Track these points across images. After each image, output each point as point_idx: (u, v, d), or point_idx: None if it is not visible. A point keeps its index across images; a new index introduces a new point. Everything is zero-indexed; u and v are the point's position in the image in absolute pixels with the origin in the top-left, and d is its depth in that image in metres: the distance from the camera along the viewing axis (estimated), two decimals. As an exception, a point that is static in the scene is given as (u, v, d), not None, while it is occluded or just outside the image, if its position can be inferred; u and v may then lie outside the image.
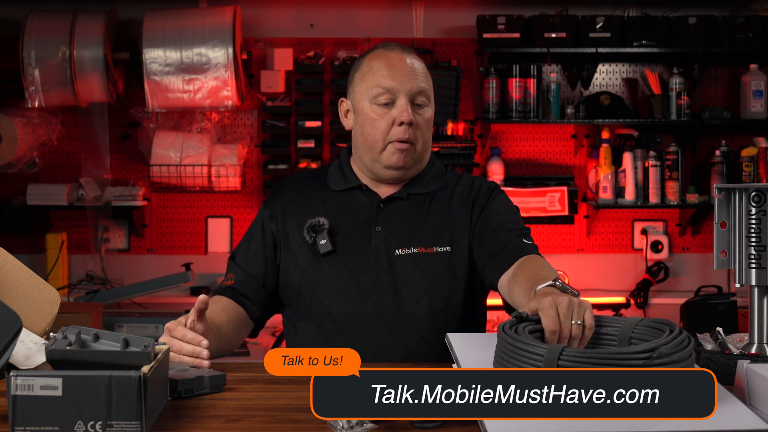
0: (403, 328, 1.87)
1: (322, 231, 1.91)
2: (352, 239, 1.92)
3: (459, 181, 2.02)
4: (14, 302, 1.52)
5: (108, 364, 1.27)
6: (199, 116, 4.05)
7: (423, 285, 1.89)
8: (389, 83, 1.89)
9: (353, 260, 1.90)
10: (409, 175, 1.97)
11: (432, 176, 2.01)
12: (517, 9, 4.05)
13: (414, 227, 1.93)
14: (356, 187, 1.98)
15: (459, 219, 1.94)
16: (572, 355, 1.25)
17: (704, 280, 4.15)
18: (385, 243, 1.91)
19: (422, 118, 1.91)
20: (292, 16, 4.20)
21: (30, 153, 3.98)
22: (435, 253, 1.91)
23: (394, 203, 1.96)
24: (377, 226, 1.92)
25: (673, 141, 4.08)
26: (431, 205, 1.96)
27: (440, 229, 1.93)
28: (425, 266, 1.90)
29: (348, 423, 1.24)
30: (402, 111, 1.88)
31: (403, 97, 1.89)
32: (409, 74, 1.90)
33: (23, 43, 3.80)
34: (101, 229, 4.14)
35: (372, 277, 1.89)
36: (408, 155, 1.91)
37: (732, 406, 1.29)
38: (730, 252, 1.57)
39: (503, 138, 4.21)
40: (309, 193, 2.00)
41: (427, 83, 1.93)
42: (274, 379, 1.61)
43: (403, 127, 1.88)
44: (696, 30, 3.93)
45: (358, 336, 1.87)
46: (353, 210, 1.95)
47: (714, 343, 1.60)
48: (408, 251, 1.90)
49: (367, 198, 1.97)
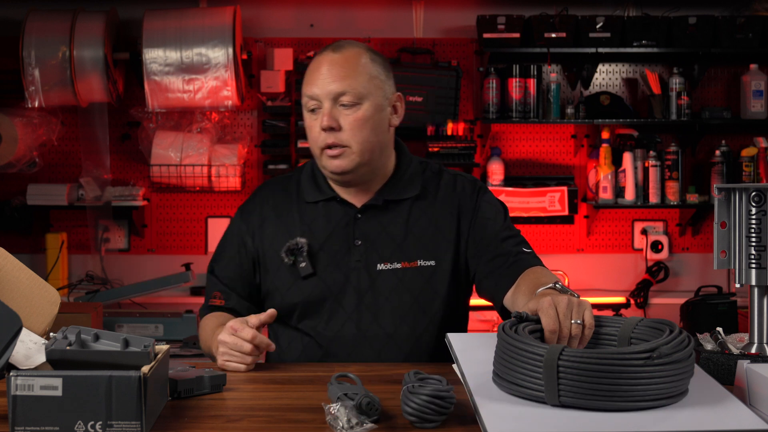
0: (387, 348, 1.84)
1: (302, 253, 1.86)
2: (331, 256, 1.87)
3: (440, 184, 1.94)
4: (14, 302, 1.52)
5: (108, 364, 1.27)
6: (199, 116, 4.05)
7: (407, 303, 1.85)
8: (311, 90, 1.83)
9: (334, 280, 1.86)
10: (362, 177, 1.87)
11: (408, 180, 1.93)
12: (517, 9, 4.05)
13: (395, 239, 1.87)
14: (331, 198, 1.91)
15: (443, 229, 1.89)
16: (572, 355, 1.25)
17: (704, 280, 4.14)
18: (366, 257, 1.86)
19: (348, 120, 1.81)
20: (292, 16, 4.20)
21: (30, 153, 3.98)
22: (419, 267, 1.86)
23: (371, 213, 1.89)
24: (356, 240, 1.87)
25: (673, 141, 4.08)
26: (411, 214, 1.90)
27: (424, 242, 1.87)
28: (409, 282, 1.85)
29: (348, 423, 1.24)
30: (322, 116, 1.82)
31: (326, 102, 1.82)
32: (329, 77, 1.82)
33: (23, 43, 3.80)
34: (101, 229, 4.14)
35: (354, 296, 1.85)
36: (344, 159, 1.83)
37: (732, 406, 1.29)
38: (730, 252, 1.57)
39: (503, 138, 4.21)
40: (284, 207, 1.93)
41: (357, 81, 1.82)
42: (274, 378, 1.61)
43: (326, 133, 1.81)
44: (696, 30, 3.93)
45: (343, 358, 1.84)
46: (330, 224, 1.89)
47: (714, 343, 1.60)
48: (390, 266, 1.86)
49: (343, 209, 1.90)
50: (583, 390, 1.24)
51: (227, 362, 1.67)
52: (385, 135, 1.89)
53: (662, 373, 1.26)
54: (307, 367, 1.71)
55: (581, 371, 1.24)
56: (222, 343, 1.67)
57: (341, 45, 1.87)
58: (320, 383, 1.54)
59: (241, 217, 1.97)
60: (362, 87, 1.82)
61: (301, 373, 1.65)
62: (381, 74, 1.87)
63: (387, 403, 1.37)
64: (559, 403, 1.26)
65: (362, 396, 1.29)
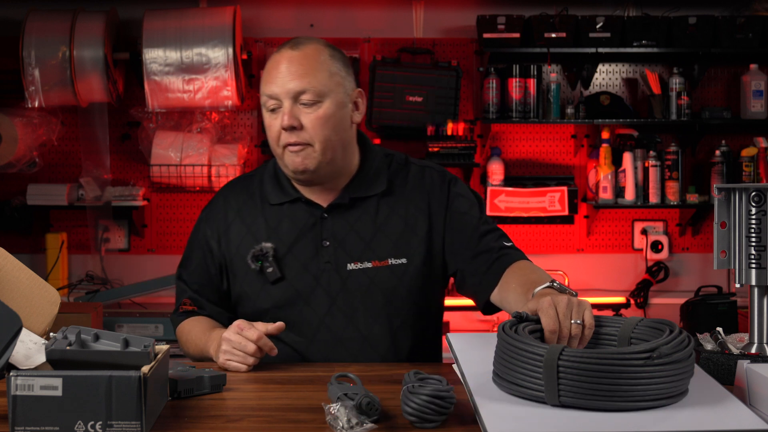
0: (363, 351, 1.82)
1: (267, 258, 1.82)
2: (299, 259, 1.83)
3: (408, 176, 1.90)
4: (14, 302, 1.52)
5: (108, 364, 1.27)
6: (199, 116, 4.05)
7: (380, 303, 1.82)
8: (270, 89, 1.79)
9: (304, 283, 1.83)
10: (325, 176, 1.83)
11: (373, 175, 1.88)
12: (517, 9, 4.05)
13: (364, 238, 1.84)
14: (296, 199, 1.87)
15: (414, 226, 1.85)
16: (572, 355, 1.25)
17: (704, 280, 4.14)
18: (335, 258, 1.83)
19: (310, 118, 1.77)
20: (292, 16, 4.20)
21: (30, 153, 3.98)
22: (390, 266, 1.83)
23: (337, 212, 1.85)
24: (324, 241, 1.83)
25: (673, 141, 4.08)
26: (380, 211, 1.86)
27: (394, 239, 1.84)
28: (381, 281, 1.82)
29: (348, 423, 1.24)
30: (283, 115, 1.77)
31: (286, 101, 1.78)
32: (288, 75, 1.78)
33: (23, 43, 3.80)
34: (101, 229, 4.14)
35: (326, 300, 1.82)
36: (307, 158, 1.79)
37: (732, 406, 1.29)
38: (730, 252, 1.57)
39: (503, 138, 4.21)
40: (248, 210, 1.89)
41: (316, 79, 1.77)
42: (274, 378, 1.61)
43: (287, 132, 1.78)
44: (696, 30, 3.93)
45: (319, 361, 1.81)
46: (296, 226, 1.85)
47: (714, 343, 1.60)
48: (361, 266, 1.82)
49: (308, 210, 1.86)
50: (583, 390, 1.24)
51: (228, 361, 1.66)
52: (347, 132, 1.85)
53: (662, 373, 1.26)
54: (307, 367, 1.71)
55: (581, 371, 1.24)
56: (226, 341, 1.66)
57: (300, 42, 1.83)
58: (320, 383, 1.54)
59: (206, 222, 1.94)
60: (322, 84, 1.78)
61: (301, 373, 1.65)
62: (341, 70, 1.83)
63: (387, 403, 1.37)
64: (559, 403, 1.26)
65: (362, 396, 1.29)
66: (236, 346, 1.65)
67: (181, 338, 1.90)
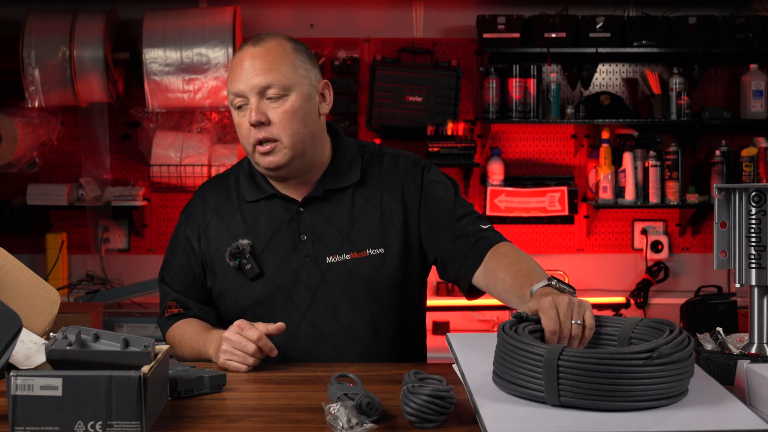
0: (345, 343, 1.82)
1: (244, 255, 1.82)
2: (278, 255, 1.83)
3: (381, 165, 1.89)
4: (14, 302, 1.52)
5: (108, 364, 1.27)
6: (199, 116, 4.05)
7: (361, 294, 1.82)
8: (236, 86, 1.79)
9: (283, 278, 1.82)
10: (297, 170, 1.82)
11: (346, 166, 1.88)
12: (517, 9, 4.05)
13: (341, 230, 1.83)
14: (271, 195, 1.86)
15: (390, 215, 1.84)
16: (572, 355, 1.25)
17: (704, 280, 4.14)
18: (314, 252, 1.82)
19: (277, 113, 1.77)
20: (292, 16, 4.20)
21: (30, 153, 3.98)
22: (368, 256, 1.83)
23: (313, 205, 1.85)
24: (302, 235, 1.83)
25: (673, 141, 4.08)
26: (355, 202, 1.85)
27: (370, 230, 1.83)
28: (360, 272, 1.82)
29: (348, 423, 1.24)
30: (250, 111, 1.77)
31: (252, 97, 1.77)
32: (252, 71, 1.77)
33: (23, 43, 3.80)
34: (101, 229, 4.14)
35: (306, 294, 1.82)
36: (277, 154, 1.78)
37: (732, 406, 1.29)
38: (730, 252, 1.57)
39: (503, 138, 4.21)
40: (225, 208, 1.89)
41: (280, 73, 1.77)
42: (274, 378, 1.61)
43: (256, 129, 1.77)
44: (696, 30, 3.93)
45: (302, 358, 1.81)
46: (273, 222, 1.85)
47: (714, 343, 1.60)
48: (340, 258, 1.82)
49: (284, 205, 1.85)
50: (583, 390, 1.24)
51: (228, 361, 1.66)
52: (316, 124, 1.84)
53: (662, 373, 1.26)
54: (307, 367, 1.71)
55: (581, 371, 1.24)
56: (226, 341, 1.66)
57: (261, 37, 1.83)
58: (320, 383, 1.54)
59: (186, 222, 1.94)
60: (287, 78, 1.78)
61: (301, 373, 1.65)
62: (305, 63, 1.83)
63: (387, 403, 1.37)
64: (559, 403, 1.26)
65: (362, 396, 1.29)
66: (236, 346, 1.65)
67: (173, 341, 1.88)
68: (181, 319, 1.90)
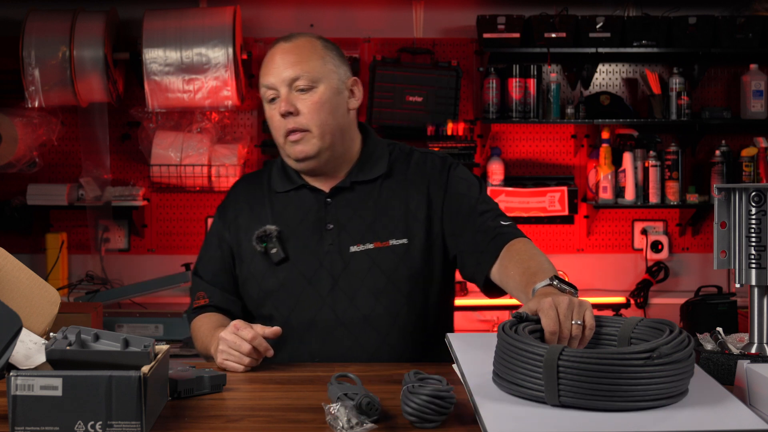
0: (364, 331, 1.84)
1: (272, 239, 1.87)
2: (304, 242, 1.88)
3: (410, 162, 1.94)
4: (14, 302, 1.52)
5: (108, 364, 1.27)
6: (199, 116, 4.05)
7: (381, 283, 1.84)
8: (267, 79, 1.87)
9: (307, 265, 1.86)
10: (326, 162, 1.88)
11: (376, 159, 1.93)
12: (517, 9, 4.05)
13: (366, 220, 1.87)
14: (300, 186, 1.93)
15: (414, 208, 1.88)
16: (572, 355, 1.25)
17: (704, 280, 4.14)
18: (338, 240, 1.86)
19: (306, 104, 1.84)
20: (292, 16, 4.20)
21: (30, 153, 3.98)
22: (391, 246, 1.86)
23: (340, 196, 1.90)
24: (328, 224, 1.88)
25: (673, 141, 4.08)
26: (381, 194, 1.90)
27: (395, 221, 1.87)
28: (382, 262, 1.85)
29: (348, 423, 1.24)
30: (280, 102, 1.85)
31: (282, 88, 1.85)
32: (282, 64, 1.85)
33: (23, 43, 3.80)
34: (101, 229, 4.14)
35: (328, 280, 1.85)
36: (306, 144, 1.85)
37: (732, 406, 1.29)
38: (730, 252, 1.57)
39: (503, 138, 4.21)
40: (256, 198, 1.96)
41: (309, 65, 1.84)
42: (274, 378, 1.61)
43: (286, 119, 1.84)
44: (696, 30, 3.93)
45: (320, 344, 1.84)
46: (301, 211, 1.91)
47: (714, 343, 1.60)
48: (363, 247, 1.86)
49: (313, 195, 1.91)
50: (583, 390, 1.24)
51: (225, 361, 1.67)
52: (344, 118, 1.90)
53: (662, 373, 1.26)
54: (307, 367, 1.71)
55: (581, 371, 1.24)
56: (222, 340, 1.68)
57: (293, 35, 1.91)
58: (320, 383, 1.54)
59: (218, 216, 2.01)
60: (316, 71, 1.85)
61: (301, 373, 1.65)
62: (334, 59, 1.89)
63: (387, 403, 1.37)
64: (559, 403, 1.26)
65: (362, 396, 1.29)
66: (232, 345, 1.66)
67: (193, 335, 1.94)
68: (205, 312, 1.93)
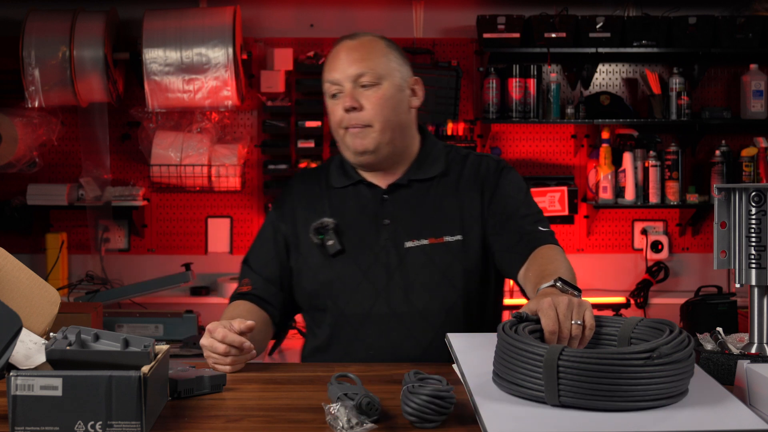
0: (418, 325, 1.86)
1: (329, 231, 1.91)
2: (360, 236, 1.91)
3: (465, 163, 1.98)
4: (14, 302, 1.52)
5: (108, 364, 1.27)
6: (199, 116, 4.05)
7: (436, 278, 1.87)
8: (332, 75, 1.91)
9: (363, 258, 1.90)
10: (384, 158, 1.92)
11: (433, 159, 1.98)
12: (517, 9, 4.05)
13: (422, 216, 1.91)
14: (358, 182, 1.97)
15: (469, 206, 1.92)
16: (572, 355, 1.25)
17: (704, 280, 4.14)
18: (394, 236, 1.90)
19: (370, 99, 1.88)
20: (292, 16, 4.20)
21: (30, 153, 3.98)
22: (445, 242, 1.89)
23: (398, 192, 1.94)
24: (384, 219, 1.92)
25: (673, 141, 4.08)
26: (437, 191, 1.94)
27: (450, 217, 1.91)
28: (437, 257, 1.88)
29: (348, 423, 1.24)
30: (345, 97, 1.89)
31: (347, 84, 1.89)
32: (348, 60, 1.89)
33: (23, 43, 3.80)
34: (101, 229, 4.14)
35: (383, 274, 1.88)
36: (366, 137, 1.89)
37: (732, 406, 1.29)
38: (730, 252, 1.57)
39: (503, 138, 4.21)
40: (313, 192, 2.00)
41: (374, 62, 1.89)
42: (274, 378, 1.61)
43: (349, 114, 1.88)
44: (696, 30, 3.93)
45: (375, 337, 1.87)
46: (358, 205, 1.95)
47: (714, 343, 1.60)
48: (418, 242, 1.89)
49: (370, 191, 1.95)
50: (583, 390, 1.24)
51: (214, 364, 1.67)
52: (406, 116, 1.96)
53: (662, 373, 1.26)
54: (307, 367, 1.71)
55: (581, 371, 1.24)
56: (202, 347, 1.68)
57: (357, 34, 1.96)
58: (320, 383, 1.54)
59: (274, 208, 2.05)
60: (380, 68, 1.89)
61: (301, 373, 1.65)
62: (398, 58, 1.95)
63: (387, 403, 1.37)
64: (559, 403, 1.26)
65: (362, 396, 1.29)
66: (210, 349, 1.65)
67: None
68: (245, 300, 1.95)
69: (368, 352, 1.86)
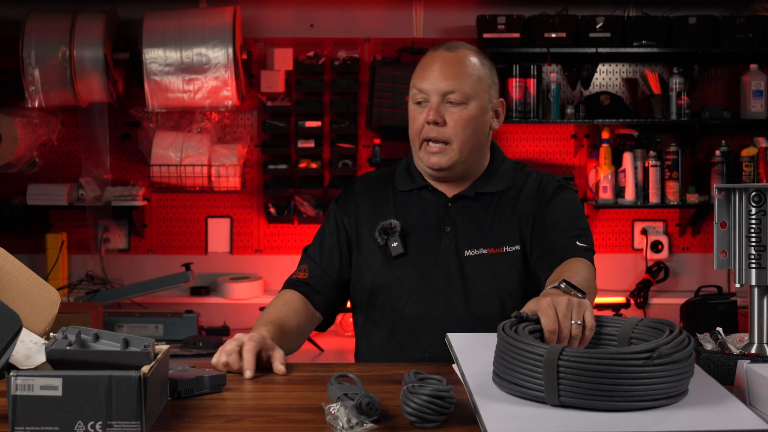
0: (475, 329, 1.87)
1: (394, 233, 1.92)
2: (422, 240, 1.93)
3: (527, 180, 2.01)
4: (14, 302, 1.52)
5: (108, 364, 1.27)
6: (199, 116, 4.05)
7: (494, 286, 1.89)
8: (422, 84, 1.91)
9: (424, 262, 1.91)
10: (457, 174, 1.95)
11: (501, 175, 2.00)
12: (517, 9, 4.05)
13: (482, 227, 1.93)
14: (423, 187, 1.98)
15: (526, 218, 1.94)
16: (572, 355, 1.25)
17: (704, 280, 4.14)
18: (455, 244, 1.92)
19: (454, 117, 1.89)
20: (292, 16, 4.20)
21: (30, 153, 3.98)
22: (504, 253, 1.91)
23: (461, 202, 1.96)
24: (446, 227, 1.94)
25: (673, 141, 4.08)
26: (498, 205, 1.96)
27: (509, 229, 1.93)
28: (495, 266, 1.90)
29: (348, 423, 1.24)
30: (429, 110, 1.89)
31: (434, 96, 1.90)
32: (440, 74, 1.89)
33: (23, 43, 3.80)
34: (101, 229, 4.14)
35: (442, 278, 1.90)
36: (442, 156, 1.91)
37: (732, 406, 1.29)
38: (730, 252, 1.57)
39: (503, 138, 4.21)
40: (379, 194, 2.01)
41: (466, 82, 1.89)
42: (274, 378, 1.61)
43: (430, 126, 1.89)
44: (696, 30, 3.93)
45: (431, 339, 1.88)
46: (422, 211, 1.96)
47: (714, 343, 1.60)
48: (477, 252, 1.91)
49: (435, 198, 1.97)
50: (583, 390, 1.24)
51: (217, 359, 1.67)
52: (484, 137, 1.97)
53: (662, 373, 1.26)
54: (307, 367, 1.71)
55: (581, 371, 1.24)
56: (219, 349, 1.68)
57: (456, 46, 1.94)
58: (320, 383, 1.53)
59: (338, 204, 2.05)
60: (470, 88, 1.90)
61: (301, 373, 1.65)
62: (489, 79, 1.95)
63: (387, 403, 1.37)
64: (559, 403, 1.26)
65: (362, 396, 1.29)
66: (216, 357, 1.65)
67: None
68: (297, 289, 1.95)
69: (424, 353, 1.88)
